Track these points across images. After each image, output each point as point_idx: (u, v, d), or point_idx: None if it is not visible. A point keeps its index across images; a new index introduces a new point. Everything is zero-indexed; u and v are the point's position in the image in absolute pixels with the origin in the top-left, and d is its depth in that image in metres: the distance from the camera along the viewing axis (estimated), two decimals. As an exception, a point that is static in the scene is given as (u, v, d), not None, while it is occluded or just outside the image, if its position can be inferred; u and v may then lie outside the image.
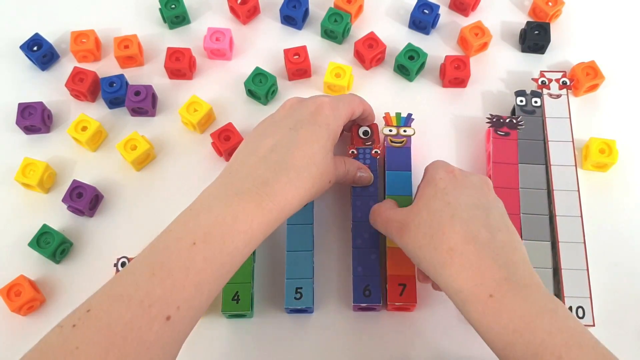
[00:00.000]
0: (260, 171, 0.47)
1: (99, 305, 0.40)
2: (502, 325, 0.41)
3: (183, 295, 0.41)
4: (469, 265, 0.43)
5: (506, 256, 0.44)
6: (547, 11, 0.68)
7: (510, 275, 0.43)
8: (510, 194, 0.57)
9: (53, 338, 0.39)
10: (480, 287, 0.43)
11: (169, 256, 0.42)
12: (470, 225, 0.45)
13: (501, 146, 0.59)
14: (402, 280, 0.54)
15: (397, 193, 0.57)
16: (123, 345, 0.38)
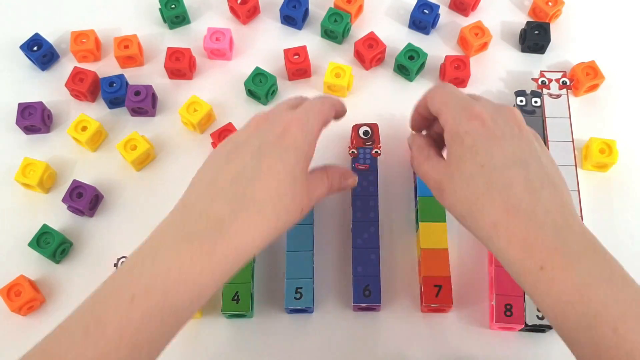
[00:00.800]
0: (217, 207, 0.42)
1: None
2: (554, 297, 0.38)
3: (117, 358, 0.37)
4: (516, 240, 0.40)
5: (554, 219, 0.40)
6: (547, 11, 0.68)
7: (560, 243, 0.39)
8: None
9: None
10: (530, 261, 0.39)
11: (106, 311, 0.38)
12: (510, 192, 0.40)
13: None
14: (437, 281, 0.54)
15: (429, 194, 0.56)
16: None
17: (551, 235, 0.39)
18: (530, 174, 0.41)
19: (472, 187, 0.42)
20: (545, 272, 0.38)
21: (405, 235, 0.59)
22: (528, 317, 0.53)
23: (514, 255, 0.40)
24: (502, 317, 0.53)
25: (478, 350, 0.55)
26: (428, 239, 0.56)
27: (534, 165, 0.42)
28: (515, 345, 0.55)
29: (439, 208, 0.57)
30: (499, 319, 0.53)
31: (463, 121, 0.43)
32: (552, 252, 0.39)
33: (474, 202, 0.42)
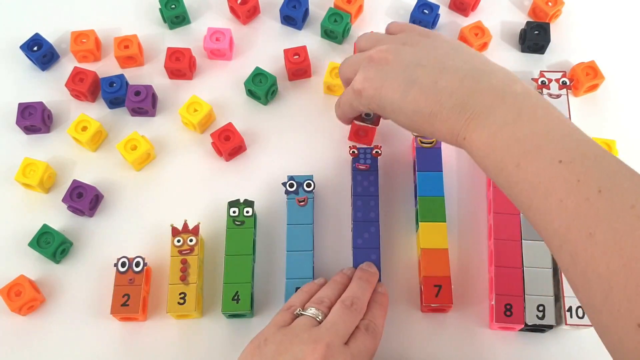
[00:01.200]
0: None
1: None
2: (475, 156, 0.44)
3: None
4: (444, 134, 0.45)
5: (458, 96, 0.44)
6: (547, 11, 0.68)
7: (469, 112, 0.43)
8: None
9: None
10: (455, 137, 0.44)
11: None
12: (420, 107, 0.45)
13: None
14: (437, 281, 0.54)
15: (429, 194, 0.57)
16: None
17: (461, 111, 0.44)
18: (420, 83, 0.45)
19: (404, 124, 0.48)
20: (467, 141, 0.44)
21: (405, 235, 0.59)
22: (528, 317, 0.53)
23: (451, 142, 0.45)
24: (502, 317, 0.53)
25: (478, 350, 0.55)
26: (428, 239, 0.56)
27: (417, 73, 0.46)
28: (515, 345, 0.55)
29: (439, 208, 0.57)
30: (499, 319, 0.53)
31: (360, 101, 0.49)
32: (467, 123, 0.43)
33: (414, 130, 0.48)
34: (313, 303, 0.50)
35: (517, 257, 0.55)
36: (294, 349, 0.44)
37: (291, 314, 0.49)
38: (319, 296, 0.51)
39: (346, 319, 0.48)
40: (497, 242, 0.56)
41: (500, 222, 0.56)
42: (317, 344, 0.44)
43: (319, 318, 0.48)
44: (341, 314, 0.48)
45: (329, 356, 0.44)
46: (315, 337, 0.45)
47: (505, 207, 0.57)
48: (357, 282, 0.52)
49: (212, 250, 0.59)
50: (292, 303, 0.51)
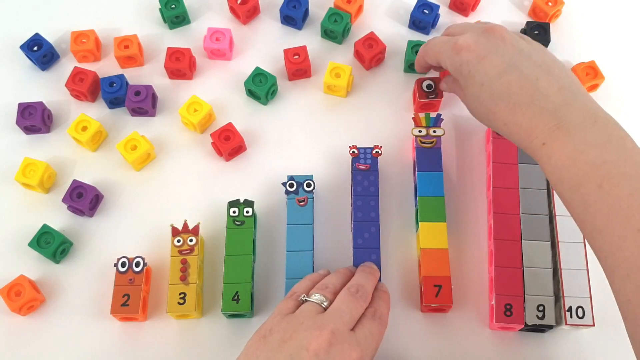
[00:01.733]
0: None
1: None
2: (553, 164, 0.44)
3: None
4: (522, 129, 0.46)
5: (553, 101, 0.46)
6: (547, 11, 0.68)
7: (559, 120, 0.45)
8: (510, 194, 0.57)
9: None
10: (535, 141, 0.45)
11: None
12: (510, 94, 0.47)
13: (501, 146, 0.59)
14: (437, 281, 0.54)
15: (429, 194, 0.57)
16: None
17: (549, 117, 0.45)
18: (522, 73, 0.47)
19: (481, 102, 0.49)
20: (546, 147, 0.45)
21: (405, 235, 0.59)
22: (528, 317, 0.53)
23: (524, 140, 0.46)
24: (502, 317, 0.53)
25: (478, 350, 0.55)
26: (428, 239, 0.56)
27: (524, 64, 0.48)
28: (515, 345, 0.55)
29: (439, 208, 0.57)
30: (499, 319, 0.53)
31: (454, 57, 0.51)
32: (552, 130, 0.45)
33: (487, 113, 0.49)
34: (317, 289, 0.49)
35: (517, 257, 0.55)
36: (298, 336, 0.44)
37: (295, 301, 0.49)
38: (323, 283, 0.50)
39: (352, 306, 0.47)
40: (497, 242, 0.56)
41: (500, 222, 0.56)
42: (322, 330, 0.44)
43: (324, 304, 0.47)
44: (346, 300, 0.48)
45: (335, 342, 0.44)
46: (320, 323, 0.45)
47: (505, 207, 0.57)
48: (361, 273, 0.52)
49: (212, 250, 0.59)
50: (295, 290, 0.50)
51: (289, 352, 0.43)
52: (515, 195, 0.57)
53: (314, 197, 0.59)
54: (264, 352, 0.44)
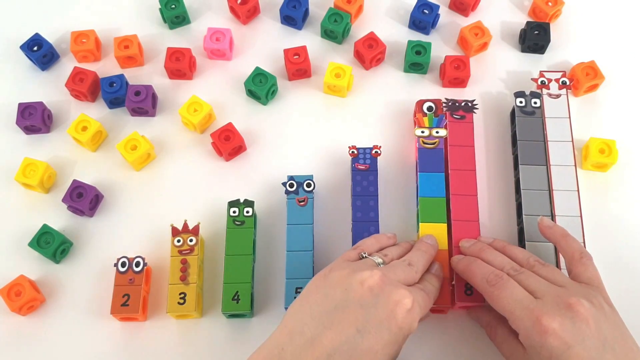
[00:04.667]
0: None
1: None
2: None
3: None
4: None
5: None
6: (547, 11, 0.68)
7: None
8: (467, 175, 0.58)
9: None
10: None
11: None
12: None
13: (457, 129, 0.60)
14: None
15: (430, 195, 0.57)
16: None
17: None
18: (616, 356, 0.44)
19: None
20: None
21: (405, 235, 0.59)
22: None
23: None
24: (462, 296, 0.54)
25: (478, 350, 0.55)
26: None
27: (616, 345, 0.44)
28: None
29: (439, 209, 0.57)
30: (460, 298, 0.53)
31: (535, 336, 0.45)
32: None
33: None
34: (379, 254, 0.52)
35: (475, 237, 0.56)
36: (355, 275, 0.46)
37: (357, 254, 0.51)
38: (384, 251, 0.52)
39: (404, 270, 0.49)
40: (456, 223, 0.56)
41: (458, 203, 0.57)
42: (375, 270, 0.47)
43: (378, 261, 0.50)
44: (399, 265, 0.50)
45: (388, 283, 0.46)
46: (375, 269, 0.47)
47: (462, 188, 0.58)
48: (416, 251, 0.53)
49: (212, 250, 0.59)
50: (361, 244, 0.53)
51: (344, 287, 0.46)
52: (472, 177, 0.58)
53: (314, 197, 0.59)
54: (323, 287, 0.47)
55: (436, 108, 0.61)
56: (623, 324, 0.47)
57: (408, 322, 0.45)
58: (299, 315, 0.46)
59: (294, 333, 0.44)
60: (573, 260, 0.50)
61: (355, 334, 0.43)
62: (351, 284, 0.46)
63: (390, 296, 0.45)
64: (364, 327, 0.44)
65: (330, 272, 0.48)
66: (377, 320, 0.44)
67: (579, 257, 0.50)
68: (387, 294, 0.45)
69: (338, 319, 0.44)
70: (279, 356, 0.44)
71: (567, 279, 0.49)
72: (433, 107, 0.61)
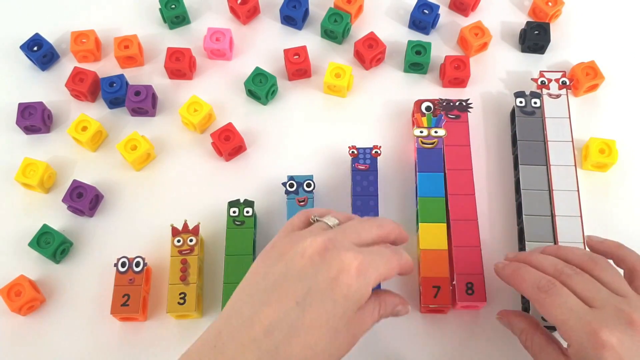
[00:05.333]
0: (248, 358, 0.39)
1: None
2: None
3: None
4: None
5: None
6: (547, 11, 0.68)
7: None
8: (464, 175, 0.58)
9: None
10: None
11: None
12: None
13: (452, 129, 0.60)
14: (436, 282, 0.54)
15: (429, 195, 0.57)
16: None
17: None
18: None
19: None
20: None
21: (405, 235, 0.59)
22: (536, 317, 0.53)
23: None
24: (464, 296, 0.53)
25: (478, 350, 0.55)
26: (427, 240, 0.56)
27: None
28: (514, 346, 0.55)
29: (439, 209, 0.57)
30: (461, 298, 0.53)
31: (589, 350, 0.41)
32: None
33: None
34: (335, 214, 0.46)
35: (474, 236, 0.56)
36: (297, 245, 0.42)
37: (306, 219, 0.47)
38: (344, 214, 0.47)
39: (358, 227, 0.44)
40: (455, 223, 0.56)
41: (457, 202, 0.57)
42: (318, 237, 0.42)
43: (330, 222, 0.45)
44: (354, 223, 0.45)
45: (331, 247, 0.41)
46: (319, 235, 0.42)
47: (460, 188, 0.58)
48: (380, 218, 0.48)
49: (212, 250, 0.59)
50: (311, 211, 0.48)
51: (284, 262, 0.42)
52: (469, 177, 0.58)
53: (314, 197, 0.59)
54: (263, 267, 0.43)
55: (434, 108, 0.61)
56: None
57: (355, 288, 0.40)
58: (237, 297, 0.42)
59: (231, 315, 0.41)
60: (634, 272, 0.46)
61: (294, 308, 0.39)
62: (292, 257, 0.42)
63: (332, 263, 0.40)
64: (304, 300, 0.40)
65: (272, 248, 0.44)
66: (318, 291, 0.40)
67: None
68: (329, 260, 0.40)
69: (276, 295, 0.40)
70: (215, 340, 0.40)
71: (629, 289, 0.45)
72: (431, 107, 0.61)
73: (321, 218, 0.46)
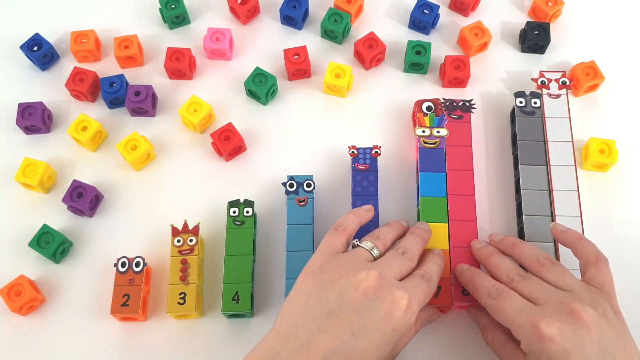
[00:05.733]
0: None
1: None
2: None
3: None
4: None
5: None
6: (547, 11, 0.68)
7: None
8: (465, 175, 0.58)
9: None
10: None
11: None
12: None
13: (454, 129, 0.60)
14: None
15: (431, 195, 0.57)
16: None
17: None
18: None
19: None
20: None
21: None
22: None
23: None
24: (460, 296, 0.54)
25: (478, 350, 0.55)
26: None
27: (617, 355, 0.44)
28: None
29: (440, 209, 0.57)
30: (458, 298, 0.54)
31: (535, 343, 0.45)
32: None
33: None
34: (370, 238, 0.51)
35: (472, 237, 0.56)
36: (349, 275, 0.46)
37: (343, 239, 0.50)
38: (375, 233, 0.52)
39: (399, 262, 0.48)
40: (453, 223, 0.56)
41: (456, 203, 0.57)
42: (371, 271, 0.46)
43: (374, 253, 0.49)
44: (394, 257, 0.49)
45: (383, 284, 0.45)
46: (369, 267, 0.47)
47: (459, 188, 0.58)
48: (410, 236, 0.52)
49: (212, 250, 0.59)
50: (342, 224, 0.51)
51: (339, 291, 0.45)
52: (470, 177, 0.58)
53: (314, 197, 0.59)
54: (315, 290, 0.46)
55: (435, 107, 0.61)
56: (627, 332, 0.46)
57: (404, 322, 0.45)
58: (292, 318, 0.45)
59: (288, 337, 0.44)
60: (588, 264, 0.50)
61: (350, 338, 0.43)
62: (347, 288, 0.45)
63: (385, 299, 0.45)
64: (359, 331, 0.44)
65: (320, 271, 0.47)
66: (372, 324, 0.44)
67: (594, 260, 0.49)
68: (382, 296, 0.45)
69: (333, 323, 0.44)
70: (273, 359, 0.43)
71: (576, 282, 0.48)
72: (432, 107, 0.61)
73: (361, 244, 0.50)
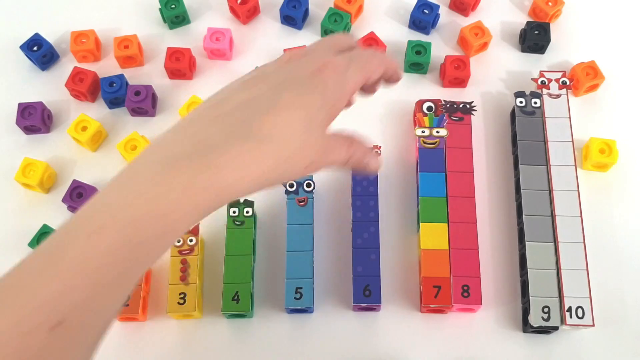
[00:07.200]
0: (212, 131, 0.35)
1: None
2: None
3: (79, 294, 0.33)
4: None
5: None
6: (547, 11, 0.68)
7: None
8: (465, 177, 0.58)
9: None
10: None
11: (70, 242, 0.33)
12: None
13: (455, 131, 0.60)
14: (437, 282, 0.54)
15: (431, 195, 0.57)
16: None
17: None
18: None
19: None
20: None
21: (405, 235, 0.59)
22: (534, 319, 0.53)
23: None
24: (460, 298, 0.53)
25: (478, 350, 0.55)
26: (428, 239, 0.56)
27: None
28: (519, 347, 0.55)
29: (440, 209, 0.57)
30: (457, 300, 0.53)
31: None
32: None
33: None
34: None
35: (473, 239, 0.56)
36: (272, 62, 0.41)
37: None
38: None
39: (338, 40, 0.43)
40: (453, 225, 0.56)
41: (456, 205, 0.57)
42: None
43: None
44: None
45: (309, 52, 0.40)
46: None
47: (459, 190, 0.58)
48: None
49: (212, 250, 0.59)
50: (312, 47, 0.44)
51: (260, 68, 0.40)
52: (470, 179, 0.58)
53: (314, 197, 0.59)
54: (242, 78, 0.40)
55: (436, 108, 0.61)
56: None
57: (334, 82, 0.38)
58: (210, 96, 0.39)
59: (202, 103, 0.39)
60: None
61: (270, 89, 0.37)
62: (269, 64, 0.40)
63: (313, 60, 0.39)
64: (282, 84, 0.37)
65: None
66: (297, 79, 0.38)
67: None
68: (309, 59, 0.39)
69: (252, 83, 0.38)
70: (179, 123, 0.38)
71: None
72: (433, 107, 0.61)
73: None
